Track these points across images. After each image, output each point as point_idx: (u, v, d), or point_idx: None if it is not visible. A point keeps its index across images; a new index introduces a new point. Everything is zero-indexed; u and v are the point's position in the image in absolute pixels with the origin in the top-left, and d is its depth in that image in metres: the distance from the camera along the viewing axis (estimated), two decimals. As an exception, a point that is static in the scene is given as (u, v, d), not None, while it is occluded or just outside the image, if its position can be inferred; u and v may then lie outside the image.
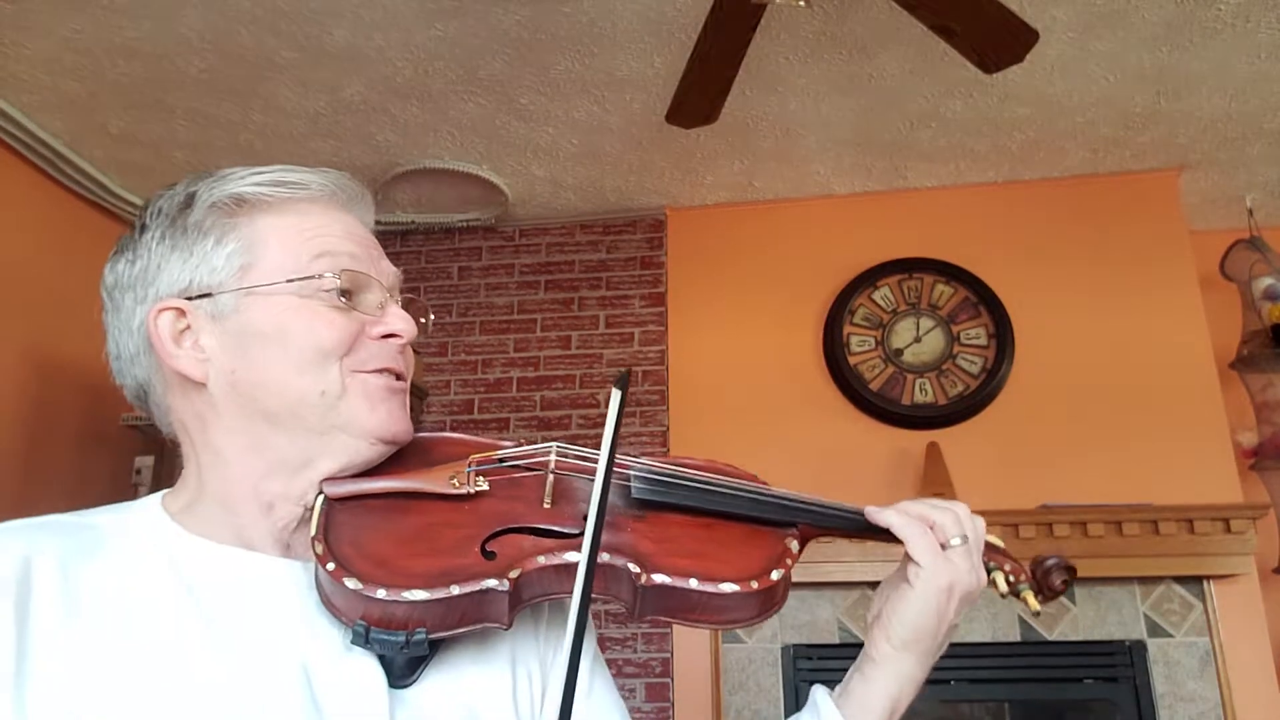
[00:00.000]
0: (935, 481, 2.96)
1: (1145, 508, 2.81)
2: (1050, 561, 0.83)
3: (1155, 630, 2.82)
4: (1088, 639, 2.83)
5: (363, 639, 0.65)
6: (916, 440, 3.08)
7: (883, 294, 3.27)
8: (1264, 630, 2.79)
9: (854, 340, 3.23)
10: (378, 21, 2.46)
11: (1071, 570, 0.83)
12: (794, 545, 0.79)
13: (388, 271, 0.78)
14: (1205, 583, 2.83)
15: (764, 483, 0.85)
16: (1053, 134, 3.02)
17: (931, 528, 0.78)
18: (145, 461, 3.33)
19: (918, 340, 3.21)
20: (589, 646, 0.83)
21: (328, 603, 0.68)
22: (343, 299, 0.73)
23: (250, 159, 3.06)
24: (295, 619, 0.69)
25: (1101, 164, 3.20)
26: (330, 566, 0.66)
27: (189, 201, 0.75)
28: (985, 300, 3.18)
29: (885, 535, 0.80)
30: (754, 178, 3.30)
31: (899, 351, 3.21)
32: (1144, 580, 2.85)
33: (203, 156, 3.08)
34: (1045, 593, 0.83)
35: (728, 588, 0.72)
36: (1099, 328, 3.13)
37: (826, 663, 2.87)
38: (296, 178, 0.76)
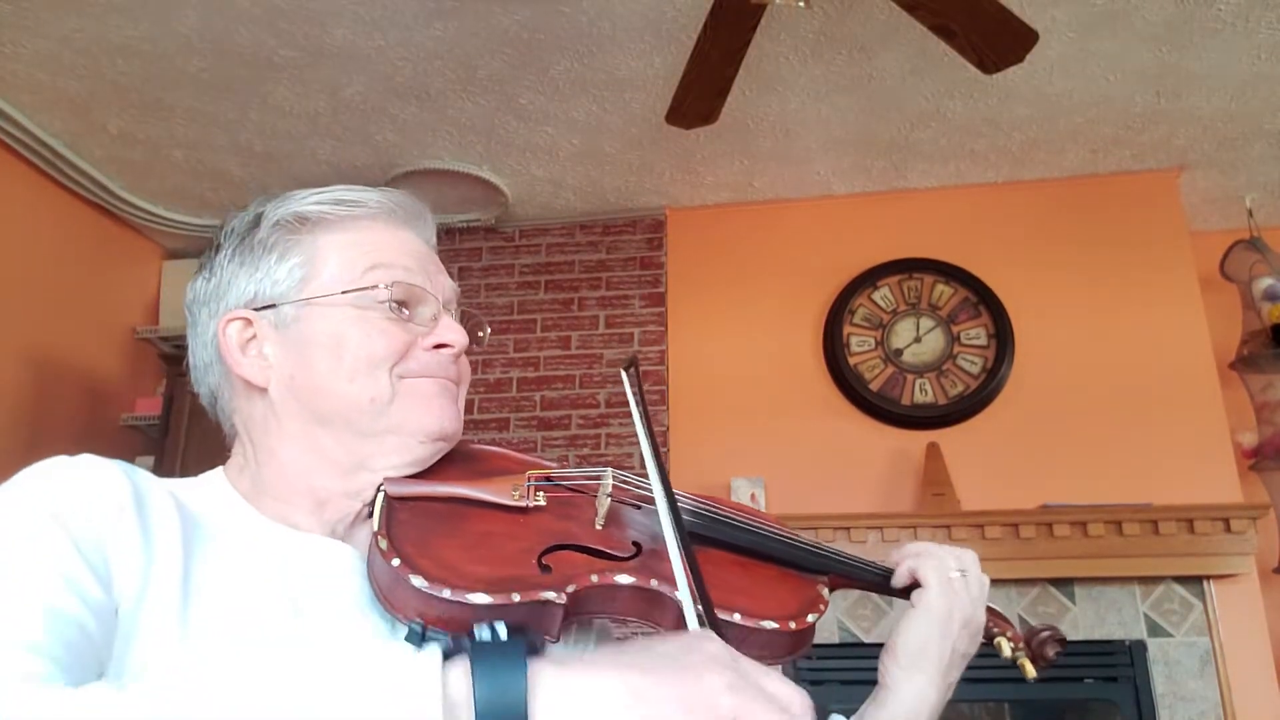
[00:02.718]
0: (935, 481, 2.96)
1: (1145, 508, 2.81)
2: (1045, 634, 0.89)
3: (1155, 630, 2.81)
4: (1088, 639, 2.83)
5: (419, 637, 0.66)
6: (916, 440, 3.08)
7: (883, 294, 3.27)
8: (1264, 630, 2.78)
9: (854, 340, 3.23)
10: (377, 21, 2.46)
11: (1063, 641, 0.90)
12: (825, 593, 0.82)
13: (444, 286, 0.81)
14: (1205, 583, 2.83)
15: (789, 529, 0.90)
16: (1053, 134, 3.02)
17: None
18: (145, 462, 3.33)
19: (918, 340, 3.21)
20: None
21: (384, 598, 0.68)
22: (398, 310, 0.77)
23: (249, 159, 3.07)
24: (351, 604, 0.71)
25: (1101, 164, 3.20)
26: (396, 563, 0.66)
27: (256, 221, 0.79)
28: (985, 300, 3.18)
29: (901, 593, 0.87)
30: (754, 178, 3.29)
31: (899, 351, 3.21)
32: (1144, 580, 2.85)
33: (201, 156, 3.08)
34: (1039, 662, 0.89)
35: (769, 625, 0.74)
36: (1099, 328, 3.13)
37: (827, 663, 2.87)
38: (355, 196, 0.80)
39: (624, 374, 0.72)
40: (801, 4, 1.90)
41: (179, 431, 3.24)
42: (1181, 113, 2.88)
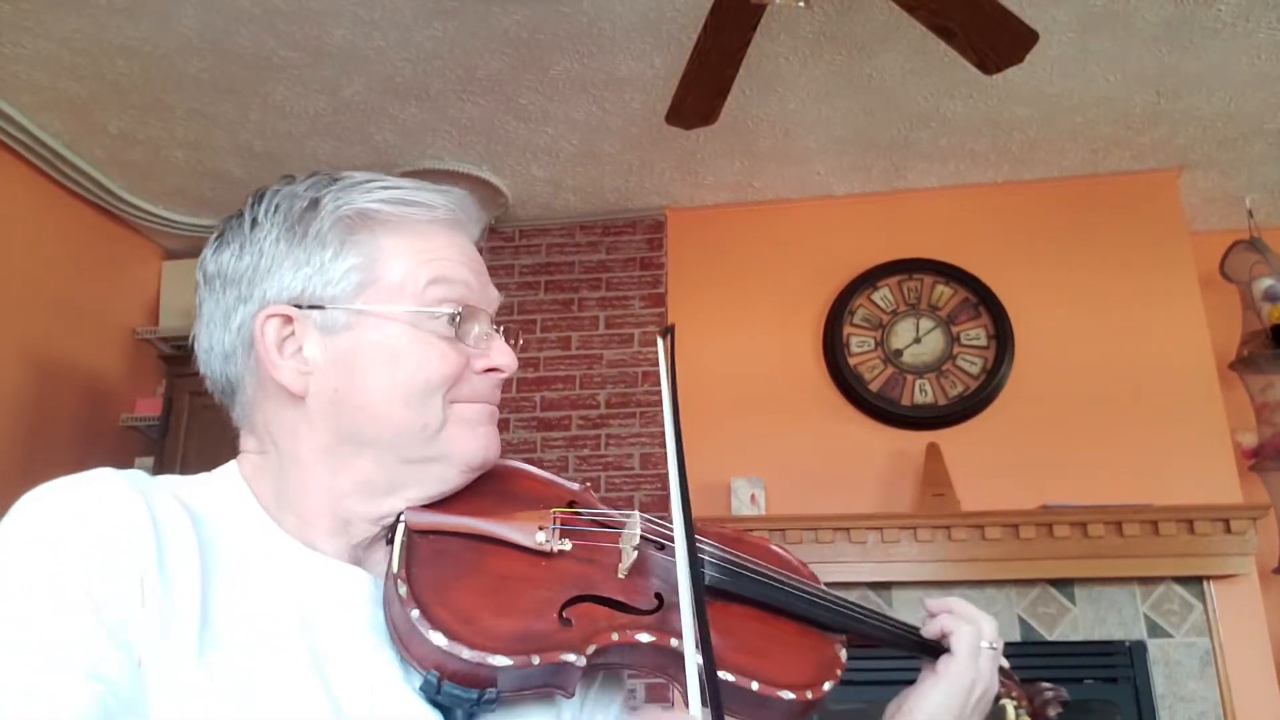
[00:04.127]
0: (935, 482, 2.96)
1: (1145, 508, 2.81)
2: (1049, 693, 0.89)
3: (1155, 630, 2.81)
4: (1088, 639, 2.83)
5: (434, 689, 0.64)
6: (916, 440, 3.08)
7: (882, 295, 3.27)
8: (1264, 630, 2.78)
9: (854, 341, 3.23)
10: (377, 21, 2.46)
11: (1066, 703, 0.89)
12: (843, 654, 0.80)
13: (493, 298, 0.78)
14: (1205, 583, 2.83)
15: (805, 565, 0.87)
16: (1053, 134, 3.02)
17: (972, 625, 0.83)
18: (145, 462, 3.33)
19: (917, 341, 3.21)
20: (614, 703, 0.82)
21: (400, 643, 0.66)
22: (453, 328, 0.73)
23: (249, 159, 3.07)
24: (364, 631, 0.68)
25: (1101, 164, 3.20)
26: (414, 614, 0.64)
27: (313, 207, 0.72)
28: (985, 300, 3.18)
29: (925, 652, 0.85)
30: (754, 178, 3.29)
31: (899, 352, 3.21)
32: (1144, 580, 2.85)
33: (202, 156, 3.08)
34: None
35: (786, 695, 0.71)
36: (1099, 328, 3.13)
37: (826, 663, 2.87)
38: (425, 198, 0.74)
39: (660, 341, 0.69)
40: (801, 4, 1.90)
41: (179, 432, 3.24)
42: (1181, 113, 2.88)
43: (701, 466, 3.14)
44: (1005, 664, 0.88)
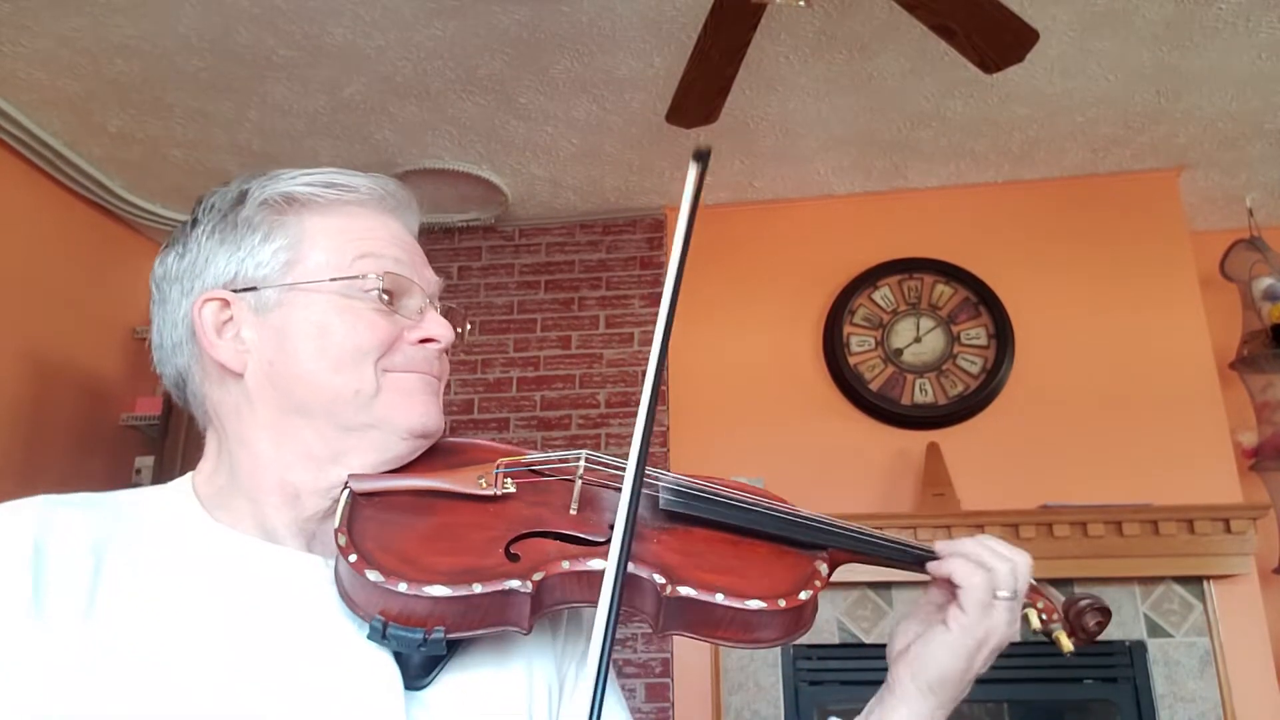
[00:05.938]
0: (935, 481, 2.96)
1: (1145, 508, 2.81)
2: (1084, 601, 0.80)
3: (1155, 630, 2.81)
4: (1088, 639, 2.83)
5: (379, 634, 0.65)
6: (916, 440, 3.08)
7: (883, 294, 3.26)
8: (1264, 630, 2.78)
9: (854, 340, 3.23)
10: (377, 21, 2.46)
11: (1106, 612, 0.80)
12: (823, 568, 0.78)
13: (430, 279, 0.80)
14: (1205, 583, 2.83)
15: (793, 506, 0.84)
16: (1053, 134, 3.02)
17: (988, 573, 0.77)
18: (145, 462, 3.33)
19: (918, 340, 3.21)
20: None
21: (346, 596, 0.67)
22: (384, 301, 0.75)
23: (248, 158, 3.06)
24: (314, 615, 0.68)
25: (1101, 164, 3.20)
26: (352, 558, 0.65)
27: (240, 198, 0.76)
28: (985, 300, 3.18)
29: (917, 568, 0.80)
30: (754, 178, 3.29)
31: (899, 351, 3.21)
32: (1144, 580, 2.85)
33: (201, 155, 3.08)
34: (1079, 634, 0.80)
35: (754, 604, 0.71)
36: (1099, 328, 3.13)
37: (826, 663, 2.87)
38: (346, 180, 0.77)
39: (693, 165, 0.69)
40: (801, 4, 1.90)
41: (179, 431, 3.24)
42: (1181, 112, 2.88)
43: (702, 466, 3.12)
44: (1034, 582, 0.80)
